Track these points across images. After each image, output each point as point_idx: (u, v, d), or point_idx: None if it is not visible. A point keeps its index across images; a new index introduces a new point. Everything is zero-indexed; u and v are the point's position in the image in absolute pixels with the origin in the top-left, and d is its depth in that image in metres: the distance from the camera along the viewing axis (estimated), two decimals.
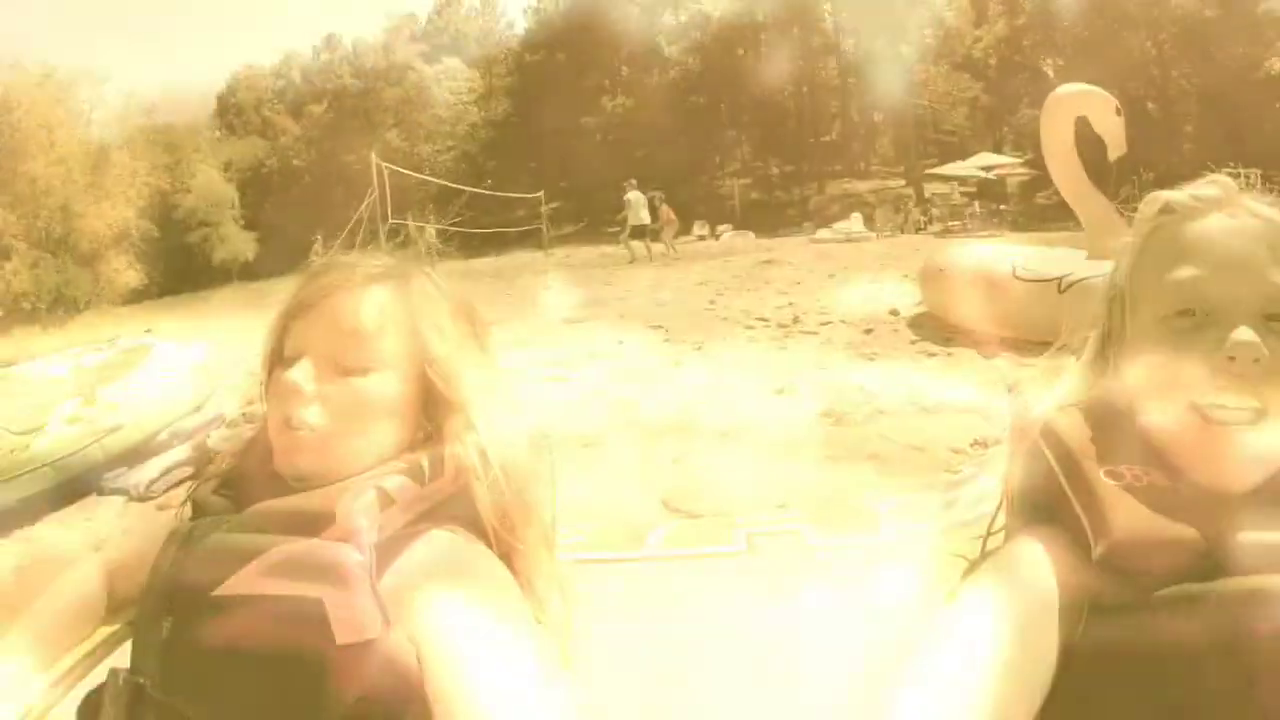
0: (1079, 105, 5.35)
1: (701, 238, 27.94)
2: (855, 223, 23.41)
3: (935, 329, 5.21)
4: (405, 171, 30.12)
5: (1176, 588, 0.69)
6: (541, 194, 29.18)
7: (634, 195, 16.43)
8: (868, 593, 1.21)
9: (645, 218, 16.63)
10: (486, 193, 32.82)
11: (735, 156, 55.59)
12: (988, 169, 28.97)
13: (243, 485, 0.97)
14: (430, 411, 1.00)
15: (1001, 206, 24.17)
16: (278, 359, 0.98)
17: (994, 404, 3.31)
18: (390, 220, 18.73)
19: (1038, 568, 0.80)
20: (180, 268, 48.81)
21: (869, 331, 5.32)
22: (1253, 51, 34.13)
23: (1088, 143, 5.45)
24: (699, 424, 3.44)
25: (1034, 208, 27.18)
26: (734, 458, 2.96)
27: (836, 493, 2.52)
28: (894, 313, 5.93)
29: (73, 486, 3.40)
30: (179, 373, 4.19)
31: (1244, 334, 0.76)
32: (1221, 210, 0.85)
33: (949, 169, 31.39)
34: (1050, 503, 0.86)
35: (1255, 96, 33.83)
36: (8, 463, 3.14)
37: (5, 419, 3.40)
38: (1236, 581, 0.68)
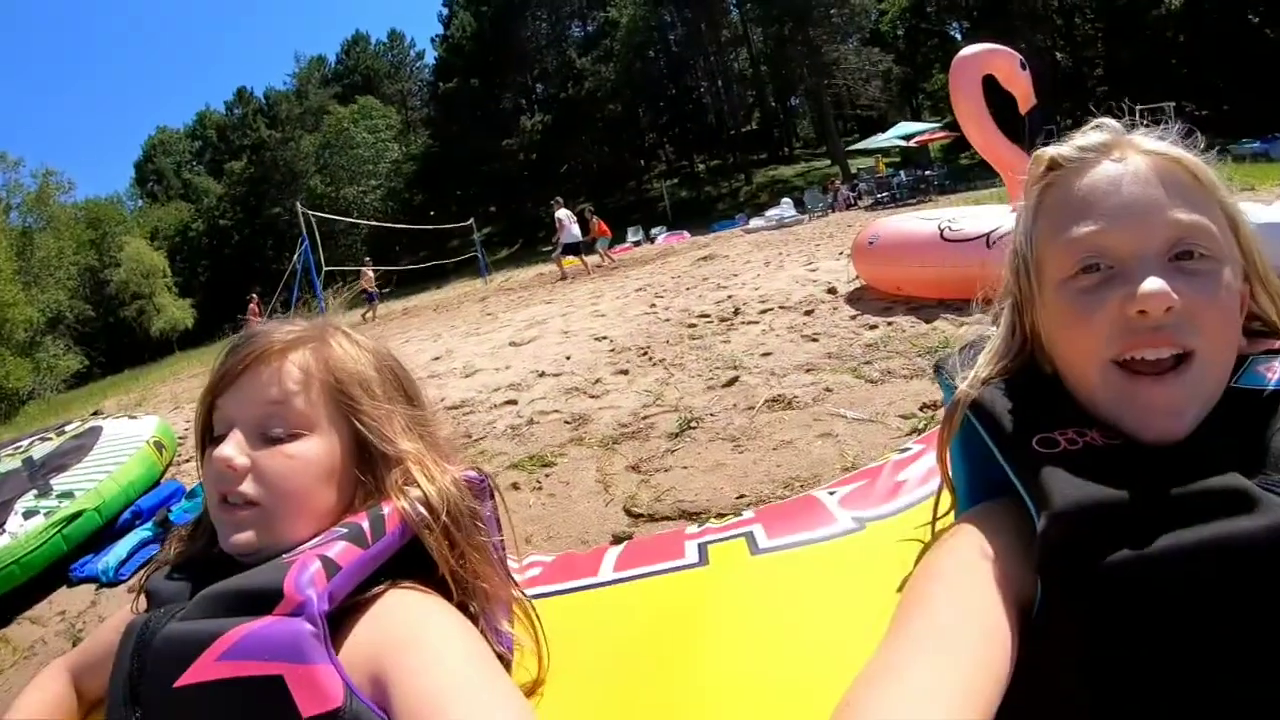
0: (983, 65, 5.42)
1: (637, 243, 28.14)
2: (786, 208, 23.70)
3: (873, 301, 5.28)
4: (333, 217, 29.88)
5: (1124, 553, 0.67)
6: (472, 221, 29.12)
7: (562, 213, 16.37)
8: (824, 591, 1.18)
9: (576, 234, 16.52)
10: (418, 227, 32.64)
11: (660, 158, 56.22)
12: (908, 138, 29.46)
13: (193, 568, 0.96)
14: (367, 466, 1.02)
15: (927, 172, 24.55)
16: (209, 437, 1.00)
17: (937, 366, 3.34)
18: (325, 267, 18.49)
19: (982, 549, 0.79)
20: (120, 344, 48.26)
21: (809, 313, 5.36)
22: None
23: (1002, 97, 5.56)
24: (653, 427, 3.45)
25: (958, 169, 27.70)
26: (689, 456, 2.97)
27: (792, 478, 2.53)
28: (832, 291, 5.98)
29: (40, 581, 3.30)
30: (132, 450, 4.09)
31: (1151, 284, 0.74)
32: (1110, 156, 0.84)
33: (871, 142, 32.03)
34: (993, 479, 0.85)
35: (1157, 32, 34.95)
36: None
37: None
38: (1181, 535, 0.66)
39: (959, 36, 40.85)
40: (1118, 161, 0.83)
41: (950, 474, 1.00)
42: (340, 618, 0.84)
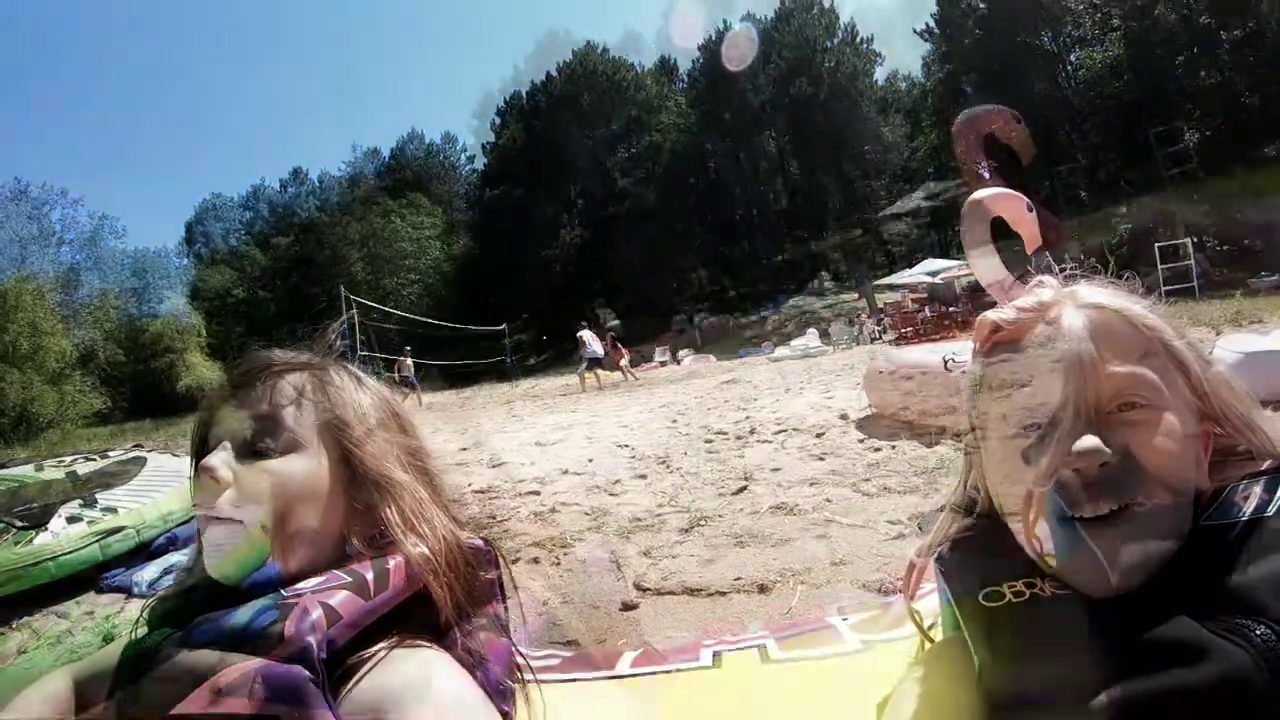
0: (993, 207, 5.61)
1: (663, 363, 28.23)
2: (811, 338, 23.79)
3: (881, 427, 5.54)
4: (372, 305, 30.54)
5: (1058, 710, 0.67)
6: (504, 327, 29.66)
7: (585, 333, 17.52)
8: (829, 697, 1.29)
9: (597, 350, 17.45)
10: (451, 325, 33.29)
11: (692, 282, 56.83)
12: (934, 274, 29.46)
13: (193, 595, 0.95)
14: (361, 499, 0.99)
15: (951, 309, 24.80)
16: (203, 454, 0.97)
17: (931, 485, 3.65)
18: (360, 351, 19.00)
19: (954, 673, 0.83)
20: (144, 393, 48.26)
21: (820, 435, 5.63)
22: (1171, 127, 35.94)
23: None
24: (665, 522, 3.72)
25: (984, 305, 27.83)
26: (696, 547, 3.25)
27: (785, 568, 2.83)
28: (843, 417, 6.24)
29: (70, 584, 3.49)
30: (175, 484, 4.29)
31: (1084, 443, 0.74)
32: (1047, 315, 0.85)
33: (897, 278, 31.91)
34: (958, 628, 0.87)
35: (1178, 169, 35.42)
36: (12, 555, 3.25)
37: (8, 515, 3.52)
38: (1126, 688, 0.65)
39: (987, 175, 41.64)
40: (1053, 321, 0.84)
41: (939, 603, 1.03)
42: (345, 670, 0.84)
